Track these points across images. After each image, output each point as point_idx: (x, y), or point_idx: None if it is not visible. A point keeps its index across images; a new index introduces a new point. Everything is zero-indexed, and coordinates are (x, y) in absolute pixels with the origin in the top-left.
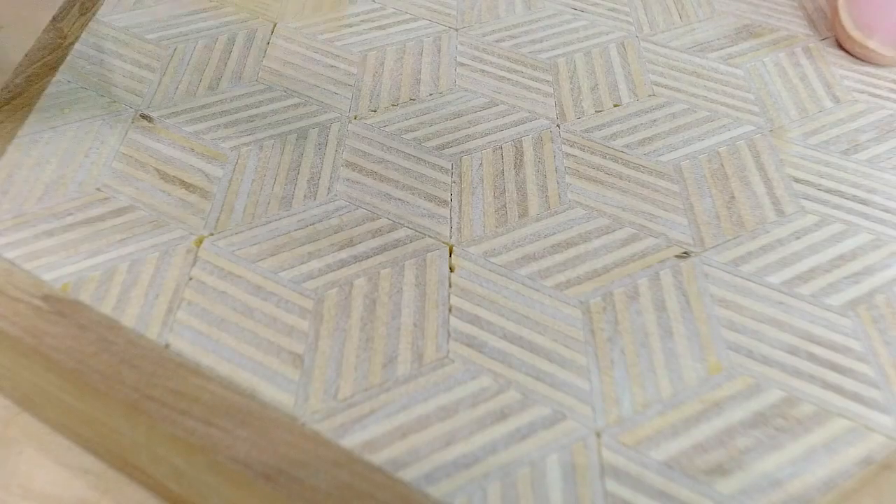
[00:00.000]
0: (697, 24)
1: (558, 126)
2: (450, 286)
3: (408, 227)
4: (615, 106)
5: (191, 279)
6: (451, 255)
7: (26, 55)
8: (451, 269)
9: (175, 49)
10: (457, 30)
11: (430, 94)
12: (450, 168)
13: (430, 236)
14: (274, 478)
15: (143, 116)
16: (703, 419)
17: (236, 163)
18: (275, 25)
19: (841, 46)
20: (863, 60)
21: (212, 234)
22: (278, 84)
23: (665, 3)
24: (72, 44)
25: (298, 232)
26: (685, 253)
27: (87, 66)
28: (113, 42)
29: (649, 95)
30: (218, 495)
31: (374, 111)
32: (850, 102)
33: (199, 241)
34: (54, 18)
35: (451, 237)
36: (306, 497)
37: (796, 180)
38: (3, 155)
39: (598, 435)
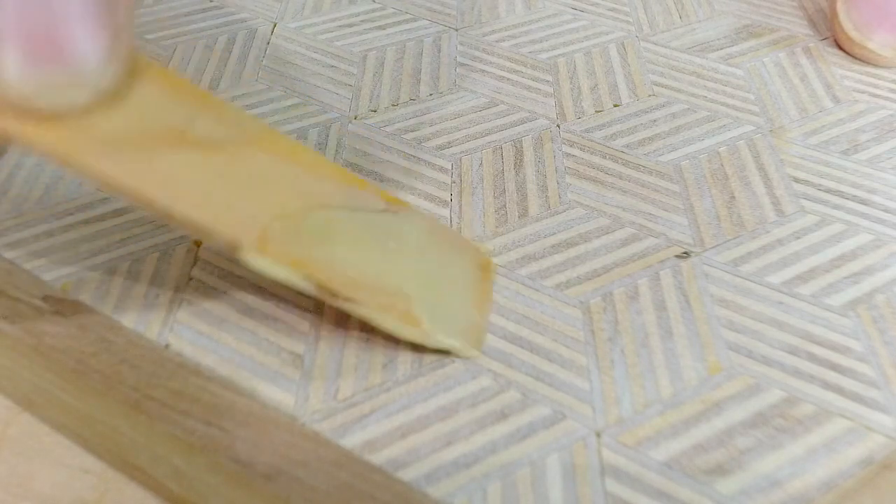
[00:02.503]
0: (697, 24)
1: (558, 126)
2: None
3: None
4: (615, 106)
5: (191, 279)
6: None
7: None
8: None
9: (175, 49)
10: (457, 30)
11: (430, 94)
12: (450, 168)
13: None
14: (274, 478)
15: None
16: (703, 419)
17: None
18: (275, 25)
19: (840, 47)
20: (862, 61)
21: None
22: (278, 84)
23: (665, 3)
24: None
25: None
26: (685, 253)
27: None
28: None
29: (649, 95)
30: (218, 495)
31: (374, 111)
32: (850, 102)
33: (199, 241)
34: None
35: None
36: (306, 497)
37: (796, 180)
38: (3, 155)
39: (598, 435)
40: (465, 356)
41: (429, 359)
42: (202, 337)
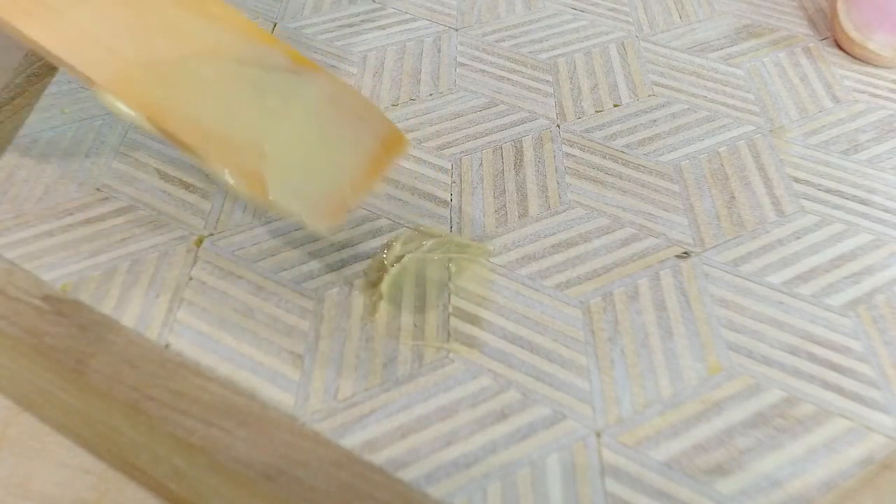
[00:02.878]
0: (697, 24)
1: (558, 126)
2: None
3: (408, 228)
4: (615, 106)
5: (191, 279)
6: None
7: (27, 55)
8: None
9: None
10: (457, 30)
11: (430, 94)
12: (450, 168)
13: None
14: (274, 478)
15: None
16: (703, 419)
17: None
18: (275, 25)
19: (840, 47)
20: (862, 61)
21: (212, 234)
22: None
23: (665, 3)
24: None
25: (298, 232)
26: (685, 253)
27: None
28: None
29: (649, 95)
30: (218, 495)
31: None
32: (850, 102)
33: (199, 241)
34: None
35: None
36: (306, 497)
37: (796, 180)
38: (3, 155)
39: (598, 435)
40: (307, 225)
41: (429, 358)
42: (202, 337)
